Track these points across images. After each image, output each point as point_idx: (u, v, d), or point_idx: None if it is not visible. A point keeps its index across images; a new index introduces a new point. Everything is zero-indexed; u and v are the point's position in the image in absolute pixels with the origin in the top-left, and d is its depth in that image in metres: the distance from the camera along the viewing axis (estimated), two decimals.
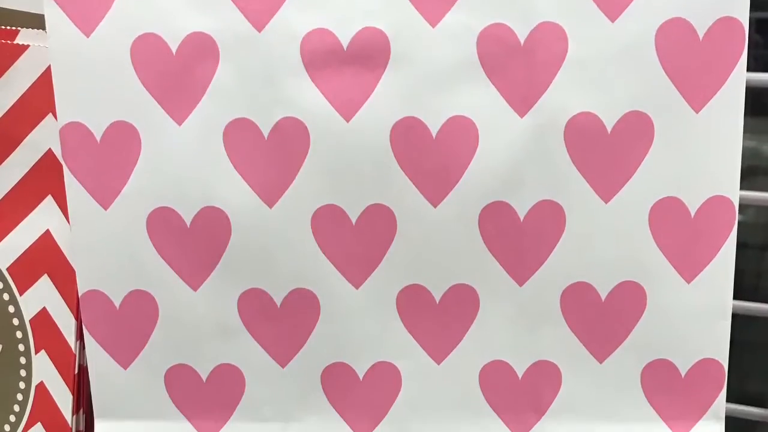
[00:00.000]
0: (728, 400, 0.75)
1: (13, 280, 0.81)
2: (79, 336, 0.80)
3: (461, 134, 0.70)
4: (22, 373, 0.83)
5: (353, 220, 0.73)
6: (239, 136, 0.72)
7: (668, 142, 0.69)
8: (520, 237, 0.72)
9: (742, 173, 0.70)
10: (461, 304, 0.74)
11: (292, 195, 0.72)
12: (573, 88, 0.68)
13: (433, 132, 0.70)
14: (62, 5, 0.72)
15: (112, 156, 0.73)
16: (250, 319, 0.76)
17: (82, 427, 0.83)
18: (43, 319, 0.81)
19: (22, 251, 0.81)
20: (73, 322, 0.80)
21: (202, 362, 0.78)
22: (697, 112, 0.68)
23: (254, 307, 0.76)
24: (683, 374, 0.74)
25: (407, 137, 0.70)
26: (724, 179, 0.70)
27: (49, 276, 0.80)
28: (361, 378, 0.77)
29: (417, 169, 0.71)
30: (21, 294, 0.81)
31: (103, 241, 0.75)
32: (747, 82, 0.68)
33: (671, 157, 0.69)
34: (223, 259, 0.75)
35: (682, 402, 0.75)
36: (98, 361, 0.78)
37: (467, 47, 0.69)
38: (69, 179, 0.74)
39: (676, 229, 0.71)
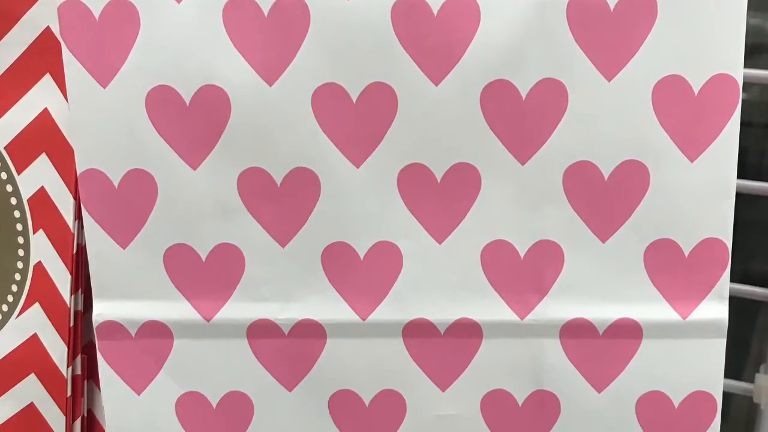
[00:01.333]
0: (732, 280, 0.79)
1: (11, 159, 0.85)
2: (78, 215, 0.84)
3: (463, 12, 0.73)
4: (20, 252, 0.87)
5: (354, 99, 0.76)
6: (239, 14, 0.75)
7: (671, 20, 0.72)
8: (522, 115, 0.75)
9: (746, 51, 0.72)
10: (462, 183, 0.78)
11: (293, 73, 0.76)
12: None
13: (434, 9, 0.73)
14: None
15: (110, 33, 0.76)
16: (250, 198, 0.80)
17: (80, 307, 0.88)
18: (41, 198, 0.85)
19: (20, 130, 0.84)
20: (71, 201, 0.84)
21: (202, 242, 0.82)
22: None
23: (254, 186, 0.80)
24: (687, 254, 0.78)
25: (408, 15, 0.73)
26: (728, 57, 0.73)
27: (47, 155, 0.84)
28: (361, 258, 0.81)
29: (418, 47, 0.74)
30: (19, 173, 0.85)
31: (101, 119, 0.79)
32: None
33: (675, 34, 0.72)
34: (222, 137, 0.78)
35: (686, 282, 0.79)
36: (97, 240, 0.82)
37: None
38: (67, 57, 0.77)
39: (679, 108, 0.74)
